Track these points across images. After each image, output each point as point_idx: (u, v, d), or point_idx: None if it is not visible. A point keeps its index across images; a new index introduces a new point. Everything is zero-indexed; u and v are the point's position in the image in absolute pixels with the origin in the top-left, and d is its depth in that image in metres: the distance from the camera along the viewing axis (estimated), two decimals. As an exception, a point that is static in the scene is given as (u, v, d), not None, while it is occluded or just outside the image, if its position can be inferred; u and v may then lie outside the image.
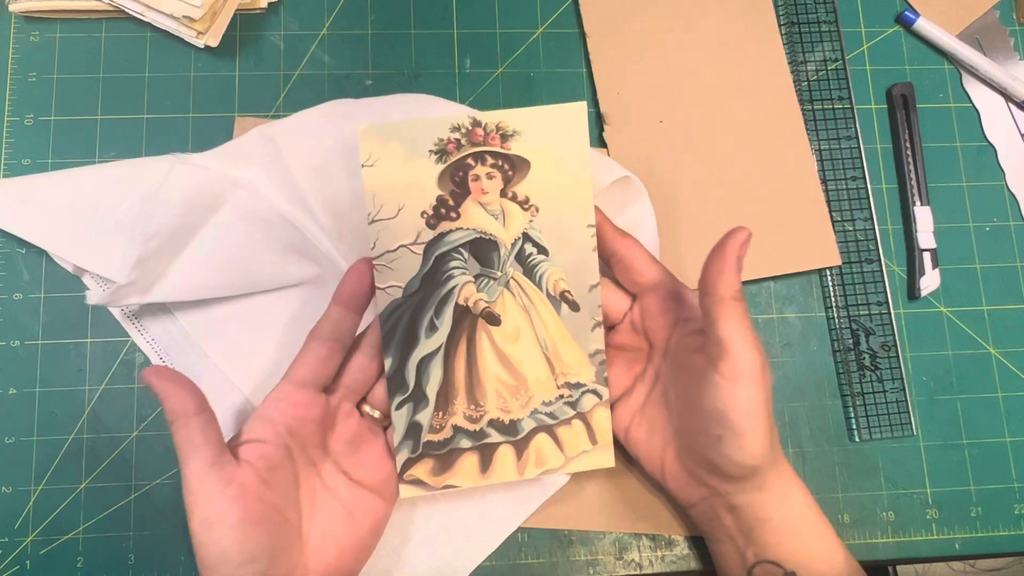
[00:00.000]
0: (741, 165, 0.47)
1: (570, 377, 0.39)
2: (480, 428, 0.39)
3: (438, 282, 0.38)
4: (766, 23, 0.49)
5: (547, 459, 0.39)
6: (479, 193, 0.38)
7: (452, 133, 0.37)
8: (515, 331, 0.39)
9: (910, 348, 0.47)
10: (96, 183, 0.42)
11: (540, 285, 0.39)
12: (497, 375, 0.39)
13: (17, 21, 0.47)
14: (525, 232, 0.39)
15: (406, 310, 0.38)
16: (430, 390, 0.38)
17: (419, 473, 0.38)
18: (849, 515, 0.44)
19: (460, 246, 0.38)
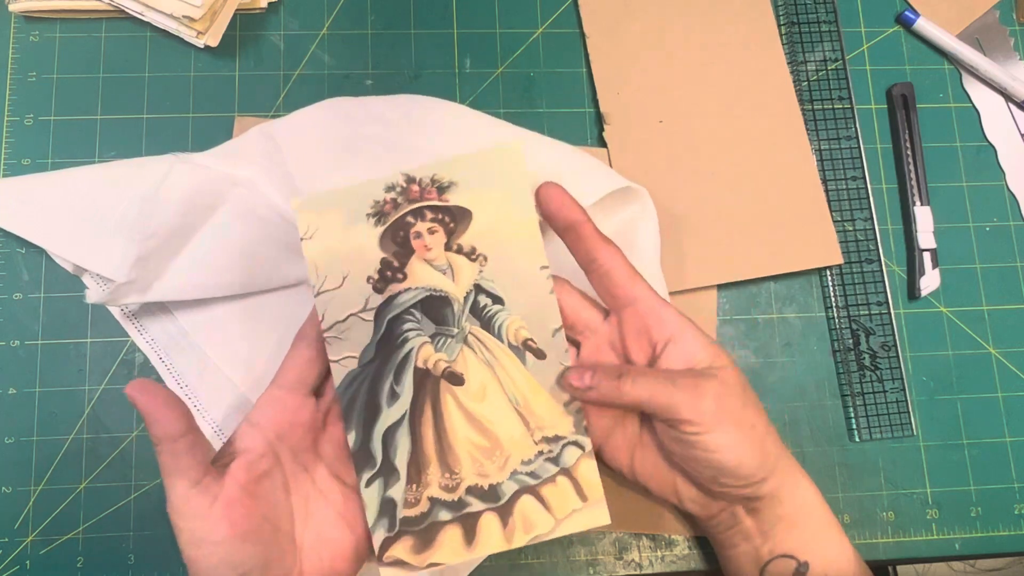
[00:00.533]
0: (741, 165, 0.47)
1: (547, 431, 0.37)
2: (459, 497, 0.36)
3: (394, 347, 0.37)
4: (766, 23, 0.49)
5: (535, 524, 0.36)
6: (423, 250, 0.37)
7: (387, 193, 0.37)
8: (481, 389, 0.37)
9: (910, 348, 0.47)
10: (95, 182, 0.42)
11: (500, 337, 0.37)
12: (468, 438, 0.37)
13: (17, 21, 0.47)
14: (476, 283, 0.37)
15: (364, 380, 0.36)
16: (399, 462, 0.36)
17: (399, 553, 0.36)
18: (849, 515, 0.44)
19: (411, 307, 0.37)
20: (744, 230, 0.46)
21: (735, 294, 0.46)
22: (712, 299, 0.46)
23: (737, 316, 0.46)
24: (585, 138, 0.47)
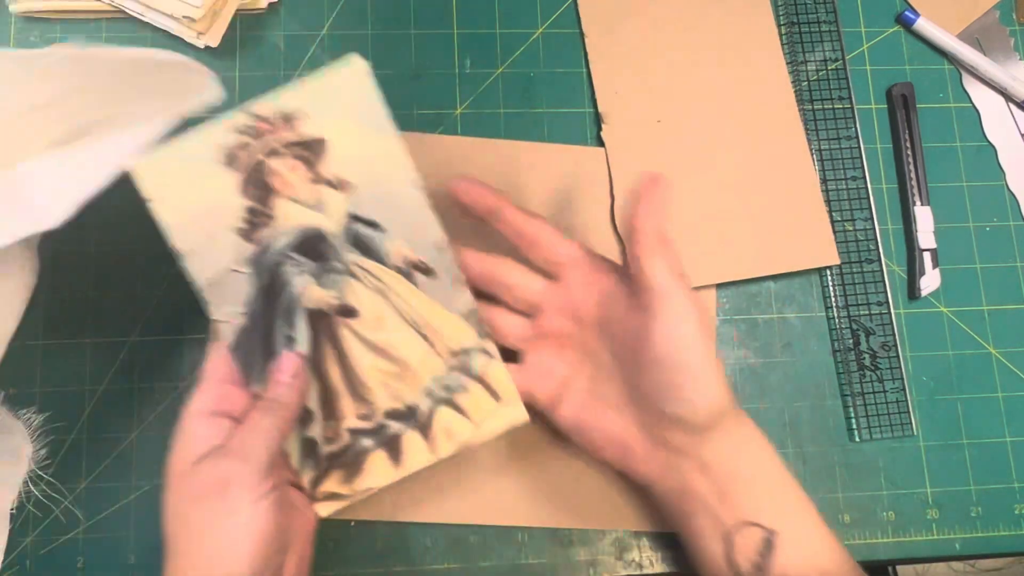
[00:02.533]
0: (739, 164, 0.47)
1: (452, 343, 0.37)
2: (377, 424, 0.37)
3: (278, 292, 0.36)
4: (765, 23, 0.49)
5: (456, 431, 0.37)
6: (286, 188, 0.35)
7: (238, 136, 0.35)
8: (376, 318, 0.36)
9: (910, 348, 0.47)
10: None
11: (384, 262, 0.36)
12: (375, 366, 0.37)
13: (17, 22, 0.47)
14: (350, 213, 0.36)
15: (256, 332, 0.36)
16: (311, 402, 0.36)
17: (331, 486, 0.37)
18: (849, 515, 0.44)
19: (287, 249, 0.36)
20: (741, 230, 0.46)
21: (735, 294, 0.46)
22: (712, 299, 0.46)
23: (737, 316, 0.46)
24: (585, 138, 0.47)
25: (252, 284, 0.35)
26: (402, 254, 0.37)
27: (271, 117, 0.35)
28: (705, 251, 0.46)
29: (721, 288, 0.46)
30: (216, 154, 0.34)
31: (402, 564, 0.42)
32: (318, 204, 0.36)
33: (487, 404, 0.37)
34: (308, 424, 0.36)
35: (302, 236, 0.36)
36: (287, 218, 0.35)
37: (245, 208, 0.35)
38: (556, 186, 0.46)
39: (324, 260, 0.36)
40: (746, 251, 0.46)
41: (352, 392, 0.37)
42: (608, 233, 0.46)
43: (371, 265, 0.36)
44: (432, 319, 0.37)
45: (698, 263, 0.45)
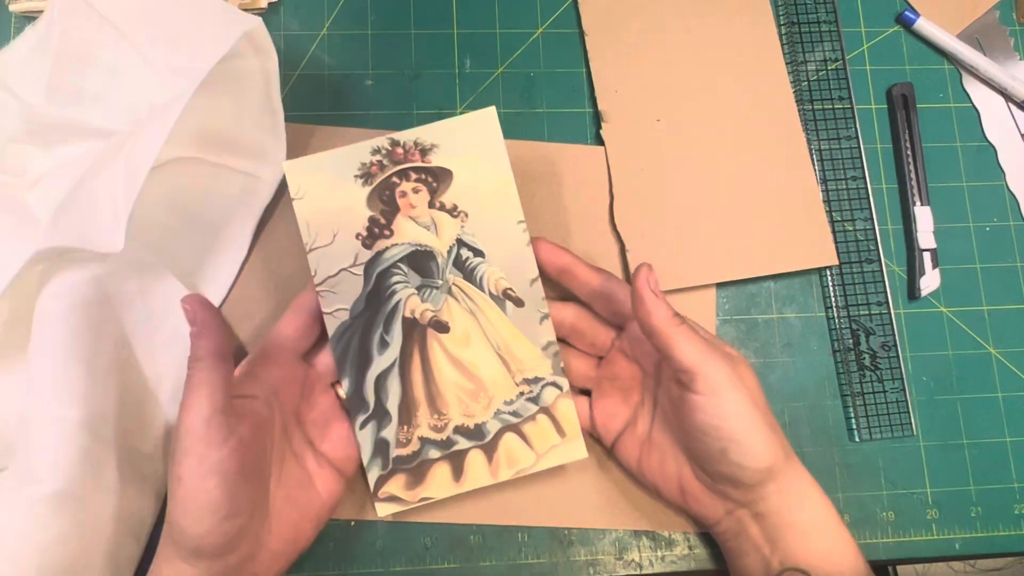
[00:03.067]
0: (738, 164, 0.47)
1: (527, 373, 0.40)
2: (447, 436, 0.39)
3: (383, 299, 0.39)
4: (765, 23, 0.49)
5: (518, 459, 0.39)
6: (408, 208, 0.40)
7: (373, 156, 0.39)
8: (465, 335, 0.40)
9: (910, 348, 0.47)
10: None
11: (482, 287, 0.40)
12: (455, 381, 0.39)
13: (17, 21, 0.47)
14: (459, 238, 0.40)
15: (355, 331, 0.39)
16: (391, 405, 0.39)
17: (393, 489, 0.39)
18: (849, 515, 0.44)
19: (398, 261, 0.39)
20: (740, 230, 0.46)
21: (735, 294, 0.46)
22: (711, 298, 0.46)
23: (737, 316, 0.46)
24: (585, 137, 0.47)
25: (362, 286, 0.39)
26: (498, 282, 0.40)
27: (407, 144, 0.40)
28: (703, 251, 0.46)
29: (721, 288, 0.46)
30: (354, 168, 0.39)
31: (402, 564, 0.42)
32: (432, 226, 0.40)
33: (551, 437, 0.40)
34: (384, 425, 0.39)
35: (413, 251, 0.40)
36: (403, 233, 0.40)
37: (369, 218, 0.39)
38: (556, 186, 0.46)
39: (428, 276, 0.40)
40: (746, 251, 0.46)
41: (430, 402, 0.39)
42: (608, 232, 0.46)
43: (468, 287, 0.40)
44: (513, 346, 0.40)
45: (696, 263, 0.45)
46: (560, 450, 0.39)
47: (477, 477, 0.39)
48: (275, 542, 0.36)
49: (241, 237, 0.44)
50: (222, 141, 0.43)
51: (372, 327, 0.39)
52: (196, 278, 0.43)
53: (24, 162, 0.42)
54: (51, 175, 0.41)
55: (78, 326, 0.36)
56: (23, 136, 0.42)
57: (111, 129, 0.41)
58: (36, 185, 0.42)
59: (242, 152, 0.44)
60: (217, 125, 0.43)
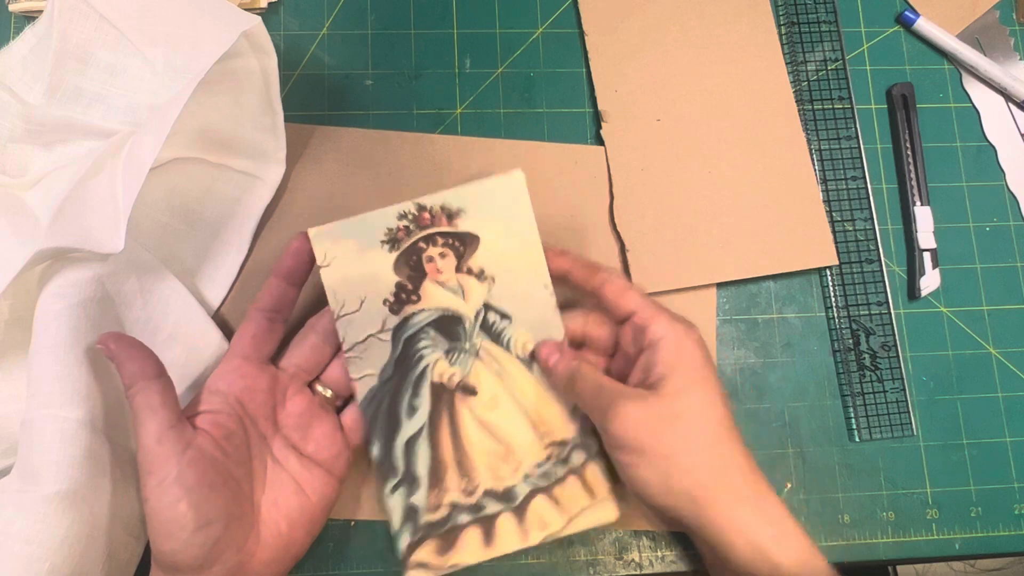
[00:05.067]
0: (738, 164, 0.47)
1: (556, 435, 0.39)
2: (476, 501, 0.39)
3: (410, 364, 0.39)
4: (765, 23, 0.49)
5: (549, 522, 0.39)
6: (435, 273, 0.39)
7: (400, 221, 0.39)
8: (493, 398, 0.40)
9: (910, 348, 0.47)
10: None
11: (509, 349, 0.40)
12: (483, 445, 0.39)
13: (17, 21, 0.47)
14: (486, 302, 0.40)
15: (384, 396, 0.39)
16: (420, 470, 0.39)
17: (424, 556, 0.38)
18: (849, 515, 0.44)
19: (426, 326, 0.39)
20: (740, 230, 0.46)
21: (735, 294, 0.46)
22: (712, 298, 0.46)
23: (737, 316, 0.46)
24: (584, 137, 0.47)
25: (390, 352, 0.39)
26: (525, 345, 0.40)
27: (434, 209, 0.39)
28: (703, 251, 0.46)
29: (721, 288, 0.46)
30: (380, 234, 0.39)
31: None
32: (459, 290, 0.40)
33: (581, 499, 0.39)
34: (414, 491, 0.39)
35: (441, 316, 0.39)
36: (430, 298, 0.39)
37: (396, 284, 0.39)
38: (556, 185, 0.46)
39: (455, 340, 0.39)
40: (744, 251, 0.46)
41: (459, 466, 0.39)
42: (608, 232, 0.46)
43: (496, 350, 0.40)
44: (541, 408, 0.40)
45: (696, 262, 0.45)
46: (591, 512, 0.39)
47: (508, 541, 0.39)
48: (264, 551, 0.36)
49: (241, 237, 0.44)
50: (222, 141, 0.43)
51: (401, 392, 0.39)
52: (196, 278, 0.43)
53: (24, 162, 0.42)
54: (51, 175, 0.41)
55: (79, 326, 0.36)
56: (23, 136, 0.42)
57: (111, 129, 0.41)
58: (36, 185, 0.42)
59: (242, 152, 0.44)
60: (217, 125, 0.43)
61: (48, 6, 0.40)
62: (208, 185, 0.44)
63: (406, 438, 0.39)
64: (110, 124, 0.41)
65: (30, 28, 0.43)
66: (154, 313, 0.40)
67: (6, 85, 0.41)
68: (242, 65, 0.40)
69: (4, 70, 0.42)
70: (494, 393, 0.40)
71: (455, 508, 0.39)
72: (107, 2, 0.40)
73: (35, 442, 0.34)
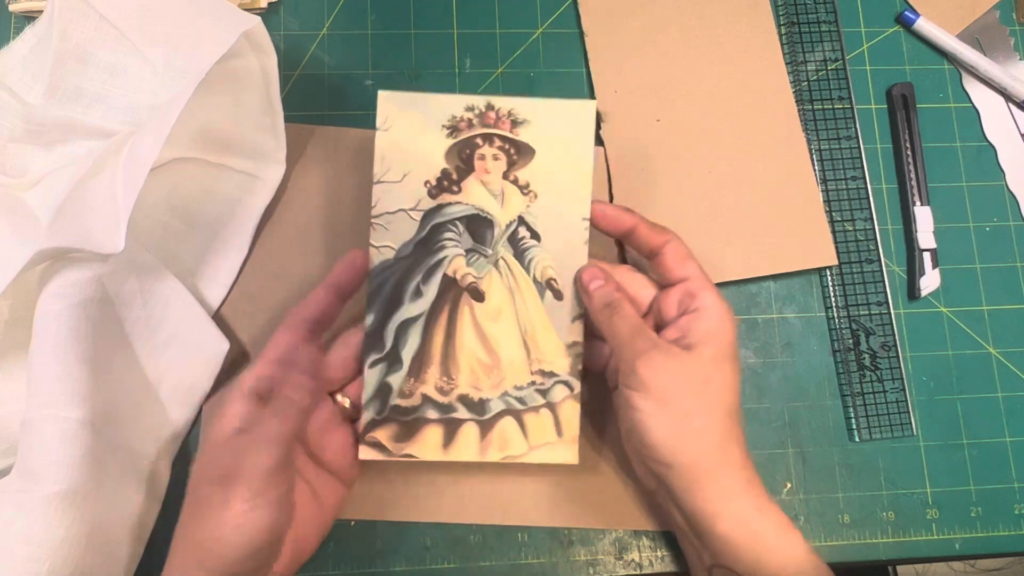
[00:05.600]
0: (738, 164, 0.47)
1: (544, 365, 0.40)
2: (449, 402, 0.39)
3: (430, 250, 0.39)
4: (764, 23, 0.49)
5: (510, 443, 0.39)
6: (483, 172, 0.39)
7: (466, 112, 0.39)
8: (497, 310, 0.40)
9: (910, 348, 0.47)
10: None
11: (528, 269, 0.40)
12: (473, 351, 0.39)
13: (17, 21, 0.47)
14: (521, 216, 0.40)
15: (395, 272, 0.39)
16: (405, 354, 0.39)
17: (381, 436, 0.39)
18: (849, 515, 0.44)
19: (457, 219, 0.39)
20: (740, 230, 0.46)
21: (735, 294, 0.46)
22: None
23: (737, 316, 0.46)
24: (585, 138, 0.47)
25: (415, 232, 0.39)
26: (545, 270, 0.40)
27: (501, 111, 0.40)
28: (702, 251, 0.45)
29: (721, 288, 0.46)
30: (444, 118, 0.39)
31: (402, 564, 0.42)
32: (500, 195, 0.40)
33: (548, 433, 0.40)
34: (393, 371, 0.39)
35: (474, 215, 0.40)
36: (470, 194, 0.40)
37: (442, 170, 0.39)
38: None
39: (481, 243, 0.40)
40: (744, 251, 0.46)
41: (443, 364, 0.39)
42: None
43: (515, 266, 0.40)
44: (540, 335, 0.40)
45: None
46: (553, 449, 0.39)
47: (466, 450, 0.39)
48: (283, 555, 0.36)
49: (241, 237, 0.44)
50: (222, 141, 0.43)
51: (411, 274, 0.39)
52: (196, 278, 0.43)
53: (24, 162, 0.42)
54: (51, 175, 0.41)
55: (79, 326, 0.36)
56: (23, 136, 0.42)
57: (111, 129, 0.41)
58: (36, 185, 0.42)
59: (242, 152, 0.44)
60: (217, 125, 0.43)
61: (48, 6, 0.40)
62: (208, 185, 0.44)
63: (402, 319, 0.39)
64: (110, 124, 0.41)
65: (30, 28, 0.43)
66: (154, 313, 0.40)
67: (6, 85, 0.41)
68: (242, 65, 0.40)
69: (4, 70, 0.42)
70: (500, 306, 0.40)
71: (426, 401, 0.39)
72: (107, 2, 0.40)
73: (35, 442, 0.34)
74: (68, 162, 0.42)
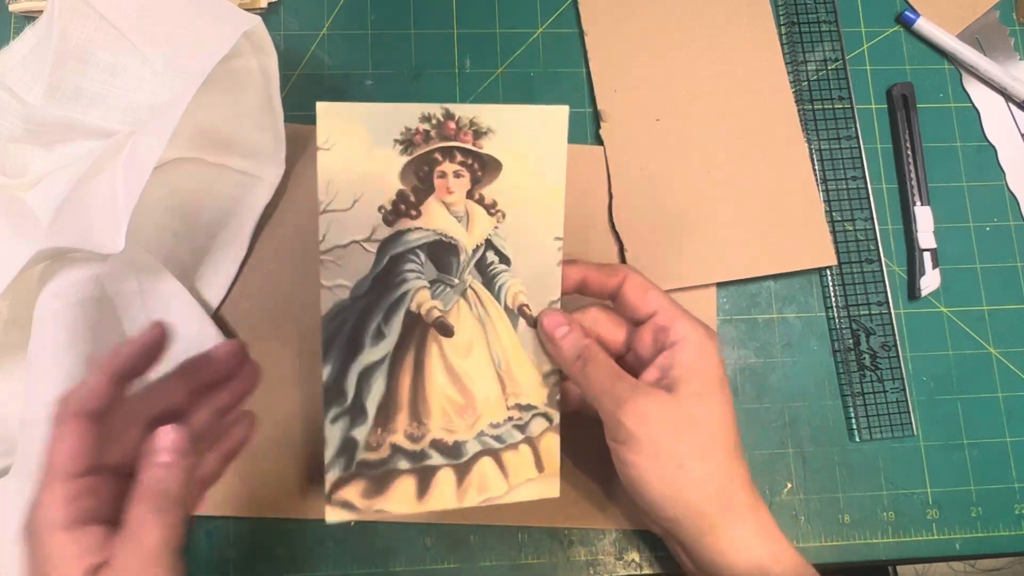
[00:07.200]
0: (737, 164, 0.47)
1: (521, 398, 0.37)
2: (421, 449, 0.36)
3: (390, 285, 0.35)
4: (764, 23, 0.49)
5: (489, 486, 0.37)
6: (444, 192, 0.35)
7: (422, 123, 0.34)
8: (467, 344, 0.36)
9: (910, 348, 0.47)
10: None
11: (499, 297, 0.36)
12: (445, 391, 0.36)
13: (17, 21, 0.47)
14: (488, 239, 0.36)
15: (352, 313, 0.35)
16: (370, 404, 0.35)
17: (349, 495, 0.35)
18: (849, 515, 0.44)
19: (418, 247, 0.35)
20: (739, 230, 0.46)
21: (735, 294, 0.46)
22: (712, 298, 0.46)
23: (737, 316, 0.46)
24: (584, 137, 0.47)
25: (371, 266, 0.35)
26: (516, 296, 0.36)
27: (462, 121, 0.35)
28: (702, 250, 0.46)
29: (721, 288, 0.46)
30: (396, 132, 0.34)
31: (402, 564, 0.42)
32: (465, 217, 0.36)
33: (528, 470, 0.37)
34: (357, 424, 0.35)
35: (437, 240, 0.35)
36: (431, 218, 0.35)
37: (398, 192, 0.35)
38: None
39: (446, 272, 0.36)
40: (743, 251, 0.46)
41: (412, 409, 0.36)
42: (607, 232, 0.46)
43: (484, 295, 0.36)
44: (515, 367, 0.37)
45: (698, 263, 0.45)
46: (534, 485, 0.37)
47: (442, 498, 0.36)
48: None
49: (240, 237, 0.44)
50: (221, 141, 0.43)
51: (371, 314, 0.35)
52: (195, 278, 0.43)
53: (24, 162, 0.42)
54: (51, 175, 0.41)
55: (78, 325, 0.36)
56: (23, 136, 0.42)
57: (111, 129, 0.41)
58: (36, 185, 0.42)
59: (241, 152, 0.44)
60: (216, 125, 0.43)
61: (48, 6, 0.40)
62: (208, 185, 0.44)
63: (363, 366, 0.35)
64: (110, 124, 0.41)
65: (30, 28, 0.43)
66: (153, 313, 0.40)
67: (6, 85, 0.41)
68: (242, 65, 0.40)
69: (4, 70, 0.42)
70: (471, 339, 0.36)
71: (396, 451, 0.35)
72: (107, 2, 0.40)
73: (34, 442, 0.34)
74: (68, 162, 0.42)
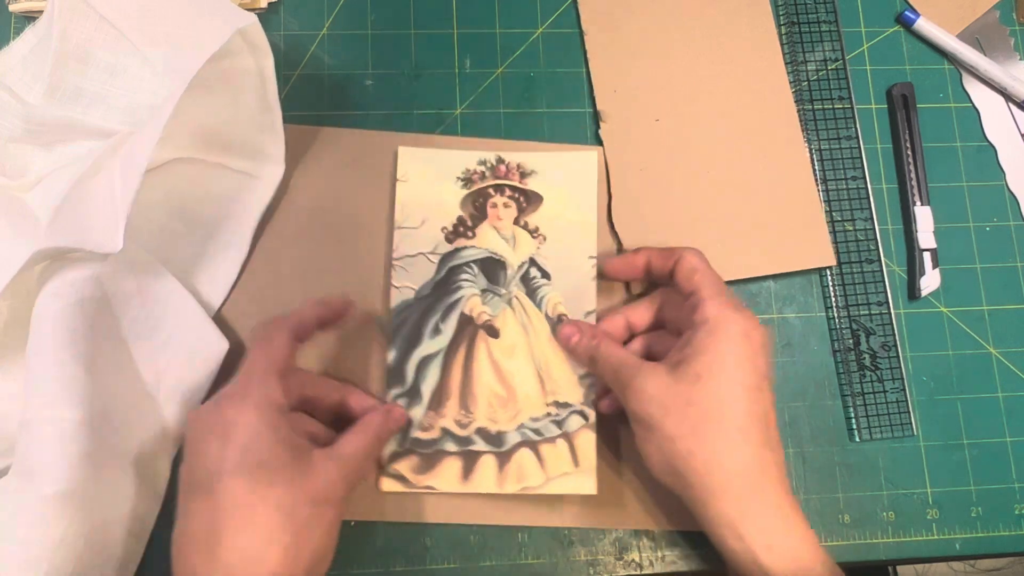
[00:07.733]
0: (737, 164, 0.47)
1: (559, 396, 0.42)
2: (467, 435, 0.41)
3: (448, 290, 0.43)
4: (764, 23, 0.49)
5: (528, 475, 0.41)
6: (495, 219, 0.44)
7: (479, 166, 0.44)
8: (512, 346, 0.42)
9: (910, 348, 0.47)
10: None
11: (540, 306, 0.43)
12: (490, 385, 0.42)
13: (17, 21, 0.47)
14: (532, 257, 0.43)
15: (415, 311, 0.42)
16: (425, 388, 0.41)
17: (403, 468, 0.41)
18: (849, 515, 0.44)
19: (472, 261, 0.43)
20: (738, 230, 0.46)
21: (735, 294, 0.46)
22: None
23: (738, 316, 0.46)
24: (584, 137, 0.47)
25: (433, 273, 0.43)
26: (556, 306, 0.43)
27: (510, 164, 0.45)
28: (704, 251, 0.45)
29: (721, 288, 0.46)
30: (458, 171, 0.44)
31: (402, 564, 0.42)
32: (512, 239, 0.44)
33: (565, 464, 0.41)
34: (414, 405, 0.41)
35: (488, 257, 0.43)
36: (484, 239, 0.44)
37: (458, 217, 0.44)
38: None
39: (495, 283, 0.43)
40: (742, 251, 0.46)
41: (461, 398, 0.42)
42: (606, 232, 0.46)
43: (527, 303, 0.43)
44: (553, 368, 0.42)
45: (698, 263, 0.45)
46: (570, 479, 0.41)
47: (484, 482, 0.41)
48: None
49: (240, 237, 0.44)
50: (220, 141, 0.43)
51: (431, 312, 0.42)
52: (195, 279, 0.43)
53: (24, 162, 0.42)
54: (51, 175, 0.41)
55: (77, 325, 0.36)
56: (23, 136, 0.42)
57: (111, 129, 0.41)
58: (36, 185, 0.42)
59: (240, 152, 0.44)
60: (214, 125, 0.43)
61: (48, 6, 0.40)
62: (207, 186, 0.44)
63: (422, 355, 0.42)
64: (110, 124, 0.41)
65: (30, 28, 0.43)
66: (152, 313, 0.40)
67: (6, 85, 0.41)
68: (239, 65, 0.40)
69: (4, 70, 0.42)
70: (514, 342, 0.42)
71: (445, 434, 0.41)
72: (107, 2, 0.40)
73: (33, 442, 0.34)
74: (68, 162, 0.42)
